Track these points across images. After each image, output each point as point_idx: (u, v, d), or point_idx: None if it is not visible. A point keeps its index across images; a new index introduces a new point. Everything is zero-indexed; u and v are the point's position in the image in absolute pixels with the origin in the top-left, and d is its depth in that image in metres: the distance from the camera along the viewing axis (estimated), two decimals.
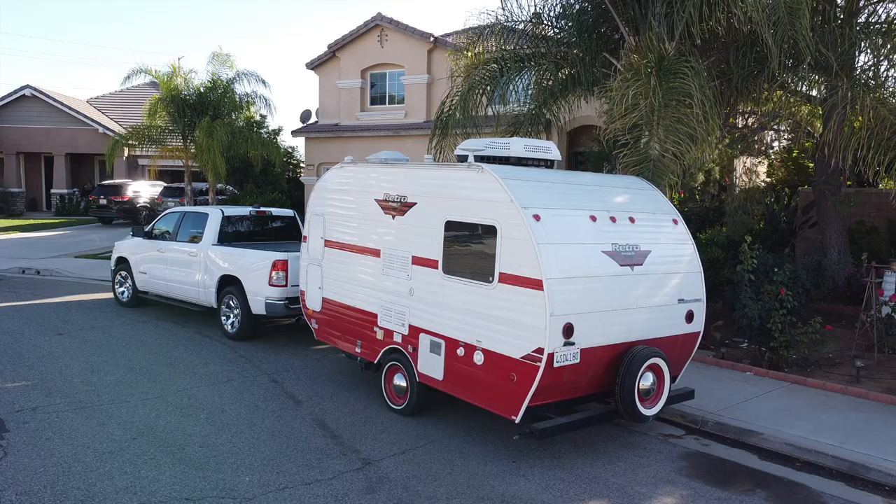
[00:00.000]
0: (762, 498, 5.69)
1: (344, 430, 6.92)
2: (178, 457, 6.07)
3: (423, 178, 7.29)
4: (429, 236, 6.97)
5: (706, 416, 7.40)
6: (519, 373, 5.99)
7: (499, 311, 6.20)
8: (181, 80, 20.08)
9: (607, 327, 6.31)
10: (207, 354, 9.73)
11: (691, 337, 7.24)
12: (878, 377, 8.74)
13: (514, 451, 6.47)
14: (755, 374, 8.98)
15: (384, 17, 23.34)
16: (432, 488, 5.64)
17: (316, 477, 5.76)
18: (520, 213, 6.04)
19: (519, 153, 7.24)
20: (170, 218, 12.30)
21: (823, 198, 13.30)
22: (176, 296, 11.71)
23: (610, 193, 7.30)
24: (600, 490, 5.71)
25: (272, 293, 9.89)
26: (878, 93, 10.30)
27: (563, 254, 6.12)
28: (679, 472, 6.16)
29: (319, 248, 8.61)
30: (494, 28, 13.10)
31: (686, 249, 7.27)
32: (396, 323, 7.38)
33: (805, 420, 7.32)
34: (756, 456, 6.63)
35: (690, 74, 9.44)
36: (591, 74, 12.07)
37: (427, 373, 6.97)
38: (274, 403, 7.68)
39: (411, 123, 23.20)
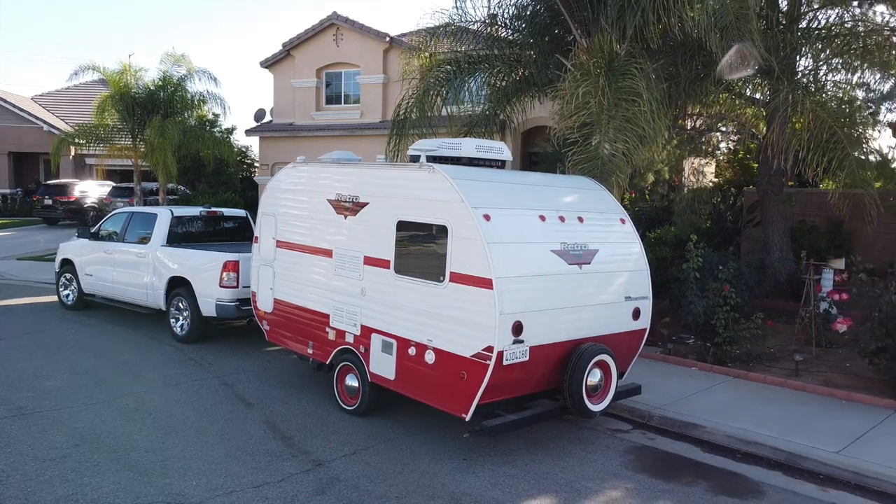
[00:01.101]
0: (703, 489, 5.86)
1: (295, 431, 6.88)
2: (122, 462, 5.96)
3: (376, 178, 7.29)
4: (381, 236, 6.98)
5: (652, 411, 7.58)
6: (469, 371, 6.04)
7: (449, 311, 6.24)
8: (131, 77, 19.62)
9: (556, 325, 6.42)
10: (156, 357, 9.55)
11: (638, 334, 7.40)
12: (816, 370, 9.06)
13: (465, 449, 6.52)
14: (700, 369, 9.22)
15: (340, 17, 23.22)
16: (383, 488, 5.65)
17: (265, 479, 5.72)
18: (470, 212, 6.10)
19: (470, 153, 7.30)
20: (117, 219, 12.03)
21: (767, 198, 13.71)
22: (123, 298, 11.46)
23: (559, 193, 7.41)
24: (549, 485, 5.81)
25: (223, 295, 9.76)
26: (817, 96, 10.68)
27: (513, 253, 6.20)
28: (625, 466, 6.30)
29: (271, 249, 8.53)
30: (448, 28, 13.19)
31: (633, 248, 7.43)
32: (348, 323, 7.37)
33: (746, 413, 7.55)
34: (699, 448, 6.82)
35: (639, 75, 9.66)
36: (545, 76, 12.24)
37: (379, 373, 6.98)
38: (224, 406, 7.58)
39: (367, 123, 23.13)
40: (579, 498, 5.60)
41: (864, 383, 8.43)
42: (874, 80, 11.82)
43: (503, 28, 13.40)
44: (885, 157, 13.23)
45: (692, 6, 9.62)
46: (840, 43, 11.38)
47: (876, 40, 11.02)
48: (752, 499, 5.69)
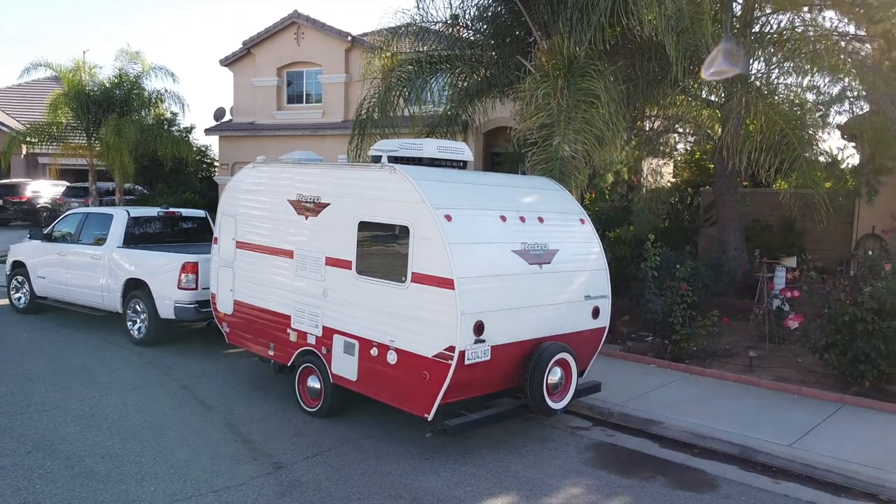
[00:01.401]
0: (661, 484, 5.98)
1: (256, 434, 6.82)
2: (77, 469, 5.83)
3: (337, 179, 7.26)
4: (342, 237, 6.95)
5: (612, 408, 7.70)
6: (431, 371, 6.06)
7: (411, 311, 6.26)
8: (86, 74, 19.16)
9: (517, 324, 6.48)
10: (112, 361, 9.35)
11: (598, 332, 7.51)
12: (769, 366, 9.32)
13: (427, 448, 6.54)
14: (658, 366, 9.40)
15: (301, 15, 23.02)
16: (344, 489, 5.64)
17: (226, 484, 5.66)
18: (431, 213, 6.12)
19: (432, 154, 7.32)
20: (71, 219, 11.74)
21: (722, 198, 14.04)
22: (78, 301, 11.20)
23: (519, 194, 7.48)
24: (511, 483, 5.86)
25: (182, 296, 9.61)
26: (770, 99, 10.96)
27: (474, 253, 6.24)
28: (585, 463, 6.39)
29: (231, 250, 8.43)
30: (410, 28, 13.20)
31: (593, 248, 7.54)
32: (310, 324, 7.32)
33: (703, 408, 7.73)
34: (658, 444, 6.95)
35: (597, 77, 9.80)
36: (506, 77, 12.33)
37: (341, 374, 6.96)
38: (183, 411, 7.47)
39: (329, 123, 22.98)
40: (541, 495, 5.66)
41: (814, 378, 8.70)
42: (824, 84, 12.17)
43: (465, 29, 13.47)
44: (834, 159, 13.65)
45: (649, 10, 9.80)
46: (791, 47, 11.69)
47: (825, 45, 11.35)
48: (707, 492, 5.82)
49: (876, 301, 7.58)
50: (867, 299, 7.58)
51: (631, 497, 5.69)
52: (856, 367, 7.82)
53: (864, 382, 7.95)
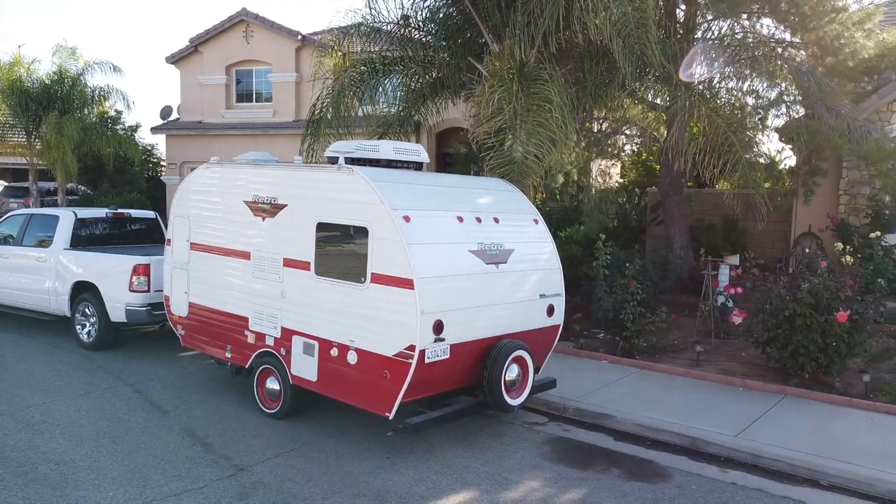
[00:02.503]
0: (616, 476, 6.19)
1: (215, 437, 6.78)
2: (30, 477, 5.70)
3: (294, 180, 7.26)
4: (300, 238, 6.96)
5: (567, 403, 7.91)
6: (392, 370, 6.14)
7: (371, 311, 6.32)
8: (24, 70, 18.51)
9: (474, 323, 6.60)
10: (61, 367, 9.13)
11: (552, 329, 7.70)
12: (715, 360, 9.68)
13: (388, 447, 6.61)
14: (610, 362, 9.67)
15: (250, 13, 22.71)
16: (307, 489, 5.67)
17: (186, 487, 5.62)
18: (390, 214, 6.19)
19: (389, 155, 7.39)
20: (13, 221, 11.39)
21: (668, 198, 14.46)
22: (22, 305, 10.87)
23: (475, 195, 7.62)
24: (471, 478, 5.98)
25: (133, 299, 9.43)
26: (712, 103, 11.37)
27: (433, 253, 6.34)
28: (543, 457, 6.55)
29: (185, 251, 8.33)
30: (361, 28, 13.20)
31: (546, 247, 7.72)
32: (268, 326, 7.31)
33: (654, 402, 8.00)
34: (612, 438, 7.17)
35: (549, 81, 10.01)
36: (458, 78, 12.47)
37: (301, 374, 6.97)
38: (138, 415, 7.36)
39: (280, 122, 22.75)
40: (500, 489, 5.80)
41: (757, 371, 9.09)
42: (762, 88, 12.67)
43: (416, 30, 13.53)
44: (773, 160, 14.21)
45: (596, 14, 10.05)
46: (731, 52, 12.15)
47: (763, 51, 11.83)
48: (660, 482, 6.05)
49: (813, 297, 7.97)
50: (805, 295, 7.97)
51: (587, 489, 5.88)
52: (796, 360, 8.21)
53: (804, 374, 8.35)
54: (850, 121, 11.54)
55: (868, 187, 13.65)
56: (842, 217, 13.70)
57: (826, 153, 12.94)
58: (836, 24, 12.55)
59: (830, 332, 7.95)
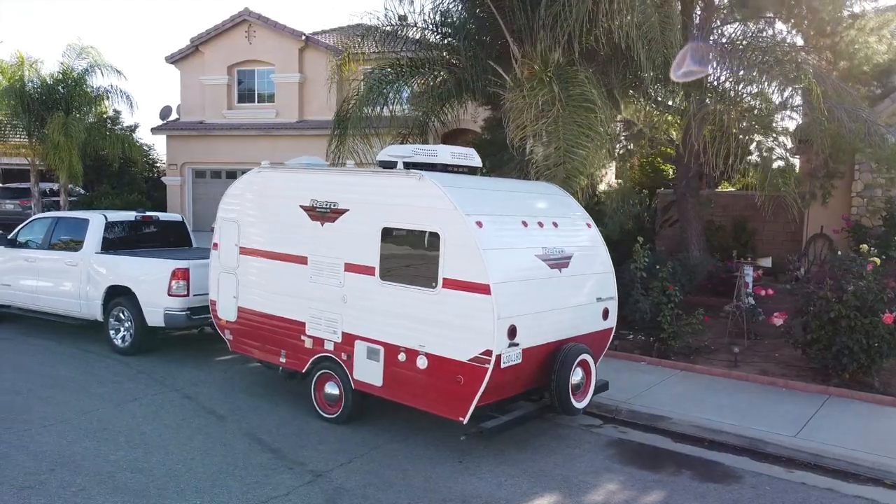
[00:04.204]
0: (688, 477, 6.27)
1: (280, 443, 6.75)
2: (110, 486, 5.65)
3: (357, 185, 7.25)
4: (364, 243, 6.95)
5: (619, 406, 7.98)
6: (466, 375, 6.16)
7: (443, 316, 6.33)
8: (30, 70, 18.20)
9: (542, 327, 6.65)
10: (99, 372, 9.02)
11: (606, 333, 7.78)
12: (751, 361, 9.83)
13: (458, 451, 6.63)
14: (649, 363, 9.77)
15: (252, 13, 22.63)
16: (392, 495, 5.67)
17: (270, 494, 5.60)
18: (464, 220, 6.22)
19: (446, 160, 7.41)
20: (39, 224, 11.23)
21: (684, 200, 14.63)
22: (49, 309, 10.71)
23: (531, 199, 7.67)
24: (548, 482, 6.03)
25: (172, 304, 9.33)
26: (737, 106, 11.52)
27: (504, 258, 6.38)
28: (611, 460, 6.62)
29: (233, 256, 8.27)
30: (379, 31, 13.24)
31: (600, 251, 7.79)
32: (327, 331, 7.29)
33: (702, 403, 8.11)
34: (670, 439, 7.26)
35: (588, 83, 10.11)
36: (480, 81, 12.54)
37: (364, 379, 6.96)
38: (196, 421, 7.31)
39: (283, 123, 22.69)
40: (580, 493, 5.85)
41: (795, 371, 9.24)
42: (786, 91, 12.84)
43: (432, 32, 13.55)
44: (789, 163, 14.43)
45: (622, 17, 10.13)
46: (753, 55, 12.32)
47: (788, 55, 12.01)
48: (733, 484, 6.15)
49: (858, 299, 8.13)
50: (851, 297, 8.13)
51: (665, 491, 5.95)
52: (839, 361, 8.36)
53: (845, 375, 8.51)
54: (869, 125, 11.77)
55: (881, 190, 13.95)
56: (855, 219, 13.97)
57: (842, 156, 13.18)
58: (853, 29, 12.81)
59: (874, 334, 8.12)
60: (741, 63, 11.94)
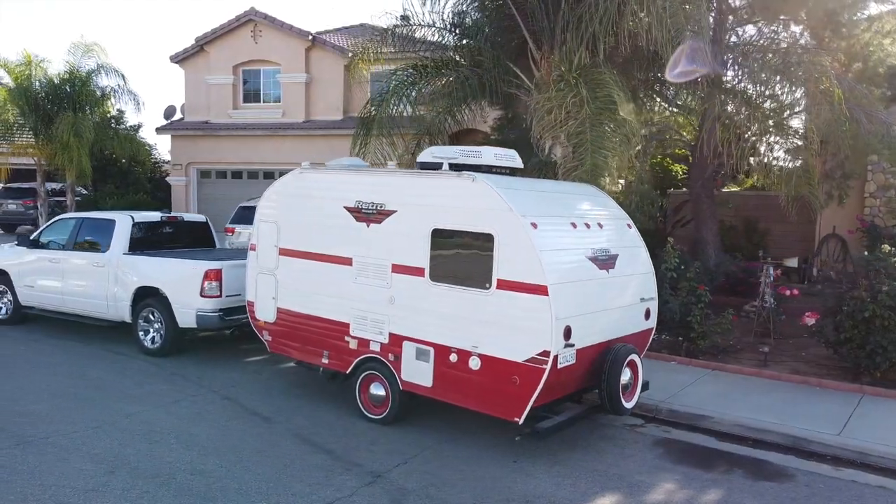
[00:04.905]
0: (741, 476, 6.34)
1: (332, 443, 6.75)
2: (173, 488, 5.63)
3: (405, 186, 7.26)
4: (413, 244, 6.96)
5: (659, 405, 8.04)
6: (522, 375, 6.19)
7: (497, 317, 6.36)
8: (37, 70, 18.05)
9: (593, 327, 6.70)
10: (133, 374, 8.98)
11: (647, 333, 7.85)
12: (779, 360, 9.93)
13: (510, 451, 6.66)
14: (679, 363, 9.85)
15: (258, 13, 22.55)
16: (455, 495, 5.70)
17: (335, 496, 5.61)
18: (519, 221, 6.25)
19: (490, 161, 7.44)
20: (61, 225, 11.15)
21: (700, 200, 14.75)
22: (74, 310, 10.63)
23: (575, 200, 7.72)
24: (606, 482, 6.08)
25: (204, 305, 9.29)
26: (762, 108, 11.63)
27: (559, 260, 6.42)
28: (662, 459, 6.68)
29: (273, 257, 8.26)
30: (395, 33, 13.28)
31: (641, 252, 7.86)
32: (373, 332, 7.29)
33: (739, 402, 8.18)
34: (714, 438, 7.33)
35: (614, 84, 10.17)
36: (503, 82, 12.58)
37: (413, 380, 6.98)
38: (241, 422, 7.29)
39: (290, 123, 22.61)
40: (640, 492, 5.90)
41: (825, 370, 9.35)
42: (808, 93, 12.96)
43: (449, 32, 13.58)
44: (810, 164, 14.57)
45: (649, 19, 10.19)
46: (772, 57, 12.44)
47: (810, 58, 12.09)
48: (787, 482, 6.22)
49: (892, 298, 8.24)
50: (885, 297, 8.23)
51: (722, 489, 6.02)
52: (872, 360, 8.47)
53: (877, 373, 8.62)
54: (887, 126, 11.91)
55: (894, 190, 14.12)
56: (869, 220, 14.12)
57: (858, 157, 13.33)
58: (869, 32, 12.95)
59: None
60: (762, 65, 12.07)
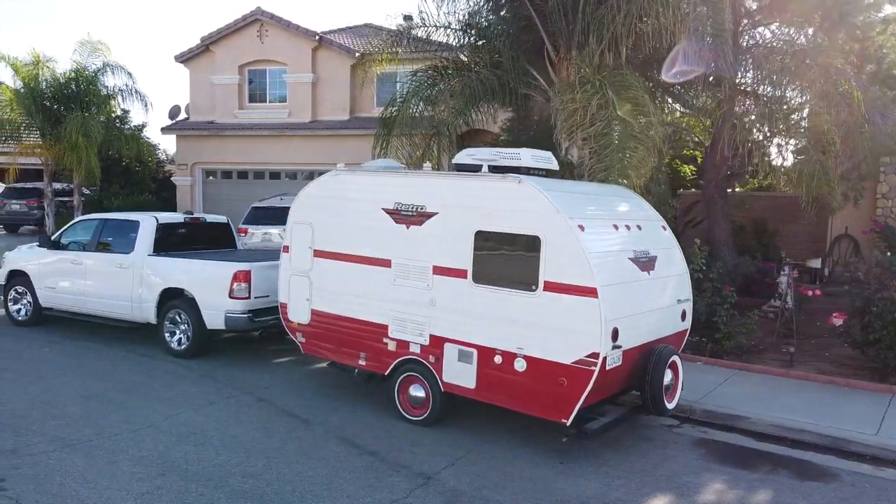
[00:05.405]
0: (786, 476, 6.39)
1: (373, 445, 6.75)
2: (228, 491, 5.62)
3: (446, 188, 7.25)
4: (455, 246, 6.97)
5: (693, 406, 8.08)
6: (570, 377, 6.21)
7: (543, 319, 6.38)
8: (45, 70, 17.92)
9: (638, 329, 6.73)
10: (161, 375, 8.94)
11: (683, 333, 7.88)
12: (803, 360, 9.99)
13: (554, 452, 6.68)
14: (704, 363, 9.90)
15: (265, 13, 22.47)
16: (509, 496, 5.71)
17: (390, 498, 5.61)
18: (567, 223, 6.27)
19: (528, 163, 7.44)
20: (83, 226, 11.09)
21: (713, 201, 14.81)
22: (97, 312, 10.57)
23: (613, 202, 7.74)
24: (656, 482, 6.10)
25: (233, 306, 9.27)
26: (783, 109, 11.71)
27: (606, 262, 6.45)
28: (705, 459, 6.72)
29: (307, 259, 8.24)
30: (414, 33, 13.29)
31: (676, 253, 7.89)
32: (413, 333, 7.30)
33: (771, 402, 8.23)
34: (752, 438, 7.37)
35: (637, 86, 10.23)
36: (522, 84, 12.61)
37: (455, 382, 6.99)
38: (281, 424, 7.28)
39: (296, 123, 22.54)
40: (690, 492, 5.93)
41: (851, 371, 9.42)
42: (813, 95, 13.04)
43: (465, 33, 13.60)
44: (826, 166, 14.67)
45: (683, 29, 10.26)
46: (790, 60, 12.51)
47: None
48: (832, 482, 6.27)
49: None
50: None
51: (771, 489, 6.06)
52: None
53: None
54: None
55: None
56: (882, 220, 14.24)
57: (872, 159, 13.44)
58: (885, 34, 13.06)
59: None
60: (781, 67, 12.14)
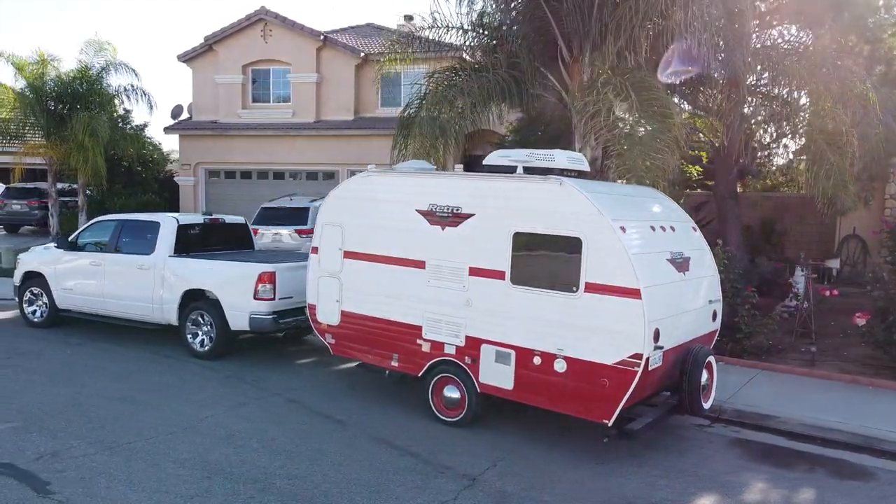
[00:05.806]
0: (825, 475, 6.44)
1: (412, 446, 6.75)
2: (275, 493, 5.60)
3: (483, 190, 7.25)
4: (492, 248, 6.98)
5: (722, 405, 8.12)
6: (612, 378, 6.24)
7: (584, 320, 6.40)
8: (51, 69, 17.79)
9: (677, 329, 6.77)
10: (188, 377, 8.91)
11: (713, 334, 7.93)
12: (822, 359, 10.07)
13: (593, 452, 6.70)
14: (726, 363, 9.94)
15: (269, 12, 22.39)
16: (558, 497, 5.72)
17: (440, 499, 5.61)
18: (610, 225, 6.30)
19: (563, 164, 7.46)
20: (101, 227, 11.02)
21: (724, 202, 14.90)
22: (116, 313, 10.51)
23: (647, 204, 7.77)
24: (699, 482, 6.14)
25: (258, 307, 9.25)
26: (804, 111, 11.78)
27: (646, 263, 6.47)
28: (743, 458, 6.76)
29: (336, 260, 8.22)
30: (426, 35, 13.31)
31: (707, 255, 7.93)
32: (448, 334, 7.30)
33: (799, 401, 8.30)
34: (784, 437, 7.42)
35: (658, 88, 10.28)
36: (537, 84, 12.64)
37: (492, 383, 7.00)
38: (317, 426, 7.27)
39: (300, 123, 22.49)
40: (735, 492, 5.97)
41: (873, 370, 9.51)
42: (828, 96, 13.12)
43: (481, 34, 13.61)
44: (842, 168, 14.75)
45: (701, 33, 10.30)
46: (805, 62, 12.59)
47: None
48: (871, 481, 6.33)
49: None
50: None
51: (812, 488, 6.11)
52: None
53: None
54: None
55: None
56: (893, 220, 14.34)
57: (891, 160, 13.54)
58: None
59: None
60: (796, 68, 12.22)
